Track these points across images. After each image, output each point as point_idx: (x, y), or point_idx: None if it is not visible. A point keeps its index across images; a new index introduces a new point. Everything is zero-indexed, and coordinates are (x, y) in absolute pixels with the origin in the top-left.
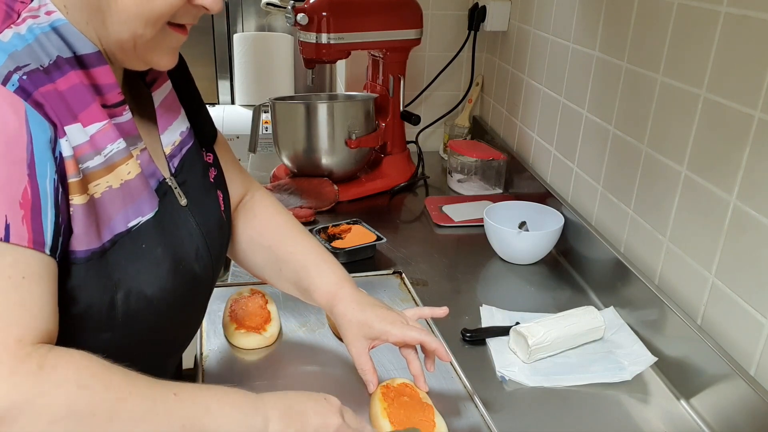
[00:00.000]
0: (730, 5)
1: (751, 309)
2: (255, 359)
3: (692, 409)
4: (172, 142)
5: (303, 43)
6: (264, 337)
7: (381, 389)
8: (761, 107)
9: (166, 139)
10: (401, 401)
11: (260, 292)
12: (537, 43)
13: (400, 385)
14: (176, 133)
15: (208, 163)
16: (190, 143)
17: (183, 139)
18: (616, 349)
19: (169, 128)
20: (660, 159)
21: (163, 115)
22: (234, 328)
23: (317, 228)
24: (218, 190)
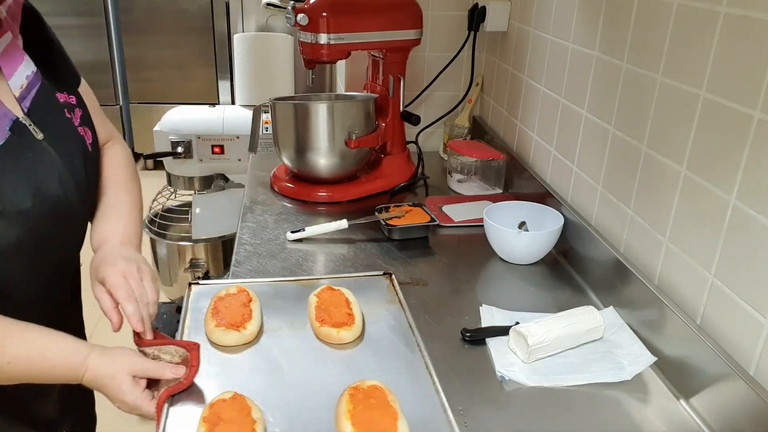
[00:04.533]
0: (730, 5)
1: (750, 309)
2: (231, 356)
3: (692, 409)
4: (20, 86)
5: (303, 43)
6: (242, 335)
7: (350, 390)
8: (761, 107)
9: (13, 83)
10: (368, 404)
11: (246, 291)
12: (537, 44)
13: (370, 387)
14: (22, 77)
15: (70, 104)
16: (38, 84)
17: (30, 82)
18: (615, 348)
19: (15, 73)
20: (660, 159)
21: (7, 64)
22: (214, 325)
23: (379, 207)
24: (85, 127)
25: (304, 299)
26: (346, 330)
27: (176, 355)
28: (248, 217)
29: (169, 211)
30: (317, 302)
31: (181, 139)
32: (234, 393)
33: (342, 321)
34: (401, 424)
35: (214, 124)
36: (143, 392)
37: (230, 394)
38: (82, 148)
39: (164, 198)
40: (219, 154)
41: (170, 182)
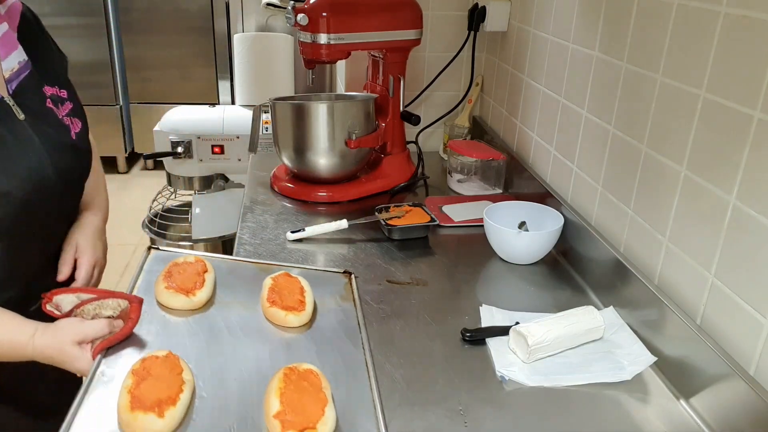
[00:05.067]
0: (730, 5)
1: (750, 309)
2: (175, 319)
3: (692, 409)
4: (11, 68)
5: (303, 43)
6: (190, 300)
7: (285, 370)
8: (761, 107)
9: (6, 64)
10: (300, 385)
11: (203, 262)
12: (537, 44)
13: (305, 370)
14: (14, 61)
15: (60, 96)
16: (27, 72)
17: (20, 68)
18: (615, 348)
19: (8, 57)
20: (659, 159)
21: (2, 46)
22: (163, 287)
23: (379, 207)
24: (73, 118)
25: (260, 281)
26: (294, 314)
27: (118, 308)
28: (248, 217)
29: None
30: (272, 284)
31: (181, 139)
32: (168, 352)
33: (292, 305)
34: (329, 412)
35: (214, 124)
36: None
37: (164, 352)
38: (66, 135)
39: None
40: (219, 154)
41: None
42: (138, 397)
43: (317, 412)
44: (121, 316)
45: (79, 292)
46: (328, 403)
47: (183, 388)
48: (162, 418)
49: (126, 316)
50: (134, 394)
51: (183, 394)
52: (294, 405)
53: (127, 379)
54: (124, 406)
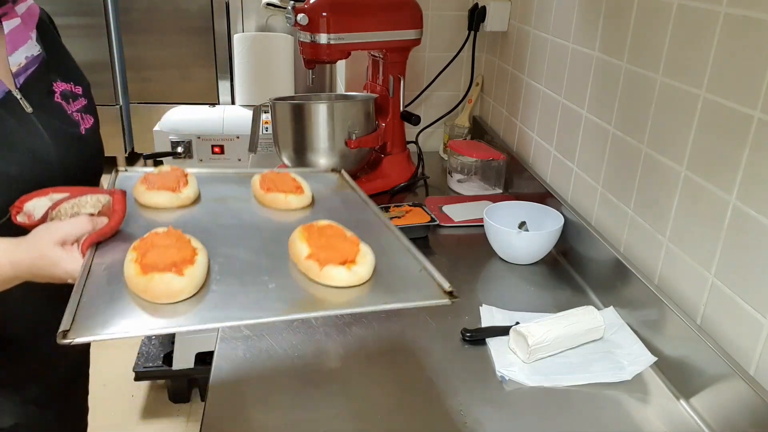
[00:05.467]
0: (730, 5)
1: (750, 309)
2: (163, 217)
3: (692, 409)
4: (18, 63)
5: (303, 43)
6: (177, 196)
7: (301, 227)
8: (761, 107)
9: (13, 59)
10: (324, 233)
11: (180, 169)
12: (537, 44)
13: (324, 225)
14: (22, 56)
15: (73, 93)
16: (35, 66)
17: (28, 63)
18: (615, 348)
19: (17, 51)
20: (660, 159)
21: (11, 41)
22: (144, 188)
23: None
24: (85, 114)
25: (246, 183)
26: (295, 195)
27: (98, 204)
28: None
29: None
30: (261, 179)
31: (181, 139)
32: (169, 227)
33: (290, 189)
34: (364, 247)
35: (214, 124)
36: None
37: (163, 228)
38: (74, 129)
39: None
40: (219, 154)
41: None
42: (147, 263)
43: (352, 248)
44: (104, 212)
45: (52, 193)
46: (361, 243)
47: (197, 252)
48: (182, 275)
49: (109, 211)
50: (143, 263)
51: (198, 256)
52: (324, 246)
53: (131, 254)
54: (133, 273)
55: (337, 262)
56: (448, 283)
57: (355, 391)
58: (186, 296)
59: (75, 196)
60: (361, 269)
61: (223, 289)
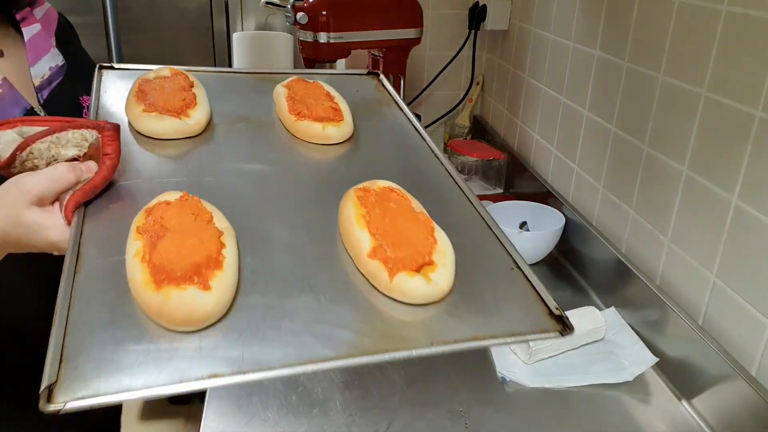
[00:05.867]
0: (731, 4)
1: (752, 309)
2: (169, 155)
3: (693, 410)
4: (41, 75)
5: (303, 42)
6: (185, 123)
7: (355, 192)
8: (762, 106)
9: (35, 71)
10: (386, 208)
11: (184, 74)
12: (538, 42)
13: (382, 189)
14: (45, 67)
15: None
16: (60, 78)
17: (52, 74)
18: (617, 349)
19: (39, 62)
20: (661, 158)
21: (32, 50)
22: (141, 110)
23: None
24: None
25: (267, 93)
26: (333, 125)
27: (84, 143)
28: None
29: None
30: (288, 93)
31: None
32: (183, 193)
33: (326, 115)
34: (440, 235)
35: None
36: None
37: (177, 194)
38: None
39: None
40: None
41: None
42: (160, 265)
43: (426, 240)
44: (92, 154)
45: (22, 125)
46: (435, 225)
47: (223, 240)
48: (208, 290)
49: (98, 153)
50: (153, 263)
51: (227, 248)
52: (391, 235)
53: (133, 243)
54: (142, 283)
55: (411, 268)
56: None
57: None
58: (213, 320)
59: (52, 132)
60: (441, 278)
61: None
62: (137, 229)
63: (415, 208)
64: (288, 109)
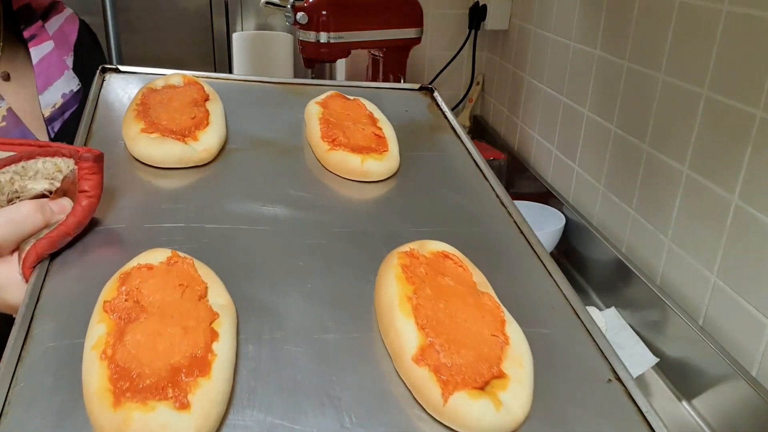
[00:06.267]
0: (732, 4)
1: (753, 309)
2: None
3: (694, 410)
4: (52, 104)
5: (303, 42)
6: (191, 149)
7: (400, 257)
8: (763, 106)
9: (45, 99)
10: (439, 286)
11: (198, 84)
12: (538, 42)
13: (436, 254)
14: (57, 94)
15: None
16: (75, 107)
17: (66, 102)
18: (617, 349)
19: (49, 88)
20: (662, 158)
21: (42, 74)
22: (139, 129)
23: None
24: None
25: (297, 109)
26: (374, 159)
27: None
28: None
29: None
30: (322, 114)
31: None
32: (172, 252)
33: (367, 144)
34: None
35: None
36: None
37: (163, 253)
38: None
39: None
40: None
41: None
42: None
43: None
44: (66, 189)
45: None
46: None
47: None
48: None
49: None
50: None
51: (220, 341)
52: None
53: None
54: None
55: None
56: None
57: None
58: None
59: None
60: (515, 401)
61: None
62: (104, 305)
63: (478, 283)
64: (321, 133)
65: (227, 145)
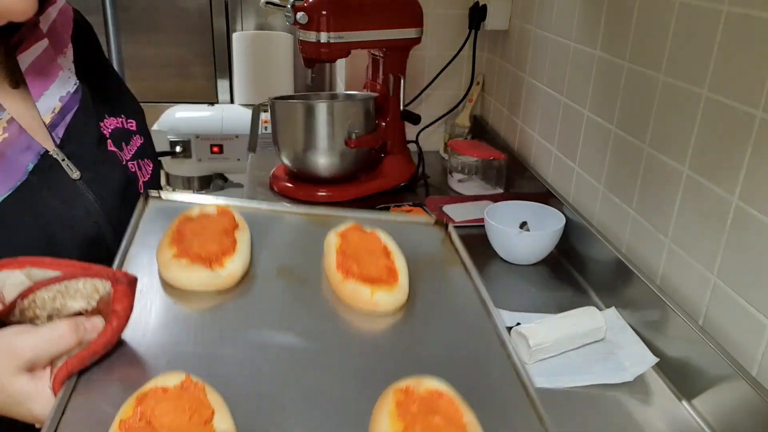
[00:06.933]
0: (732, 4)
1: (753, 310)
2: (192, 311)
3: (694, 410)
4: (52, 109)
5: (303, 42)
6: (216, 275)
7: (395, 394)
8: (763, 106)
9: (43, 106)
10: (430, 425)
11: (230, 214)
12: (538, 42)
13: (430, 393)
14: (55, 98)
15: (127, 130)
16: (75, 108)
17: (65, 105)
18: (617, 349)
19: (45, 93)
20: (662, 159)
21: (35, 80)
22: (171, 255)
23: (379, 207)
24: (142, 160)
25: (318, 239)
26: (385, 291)
27: (94, 295)
28: None
29: None
30: (340, 244)
31: (179, 138)
32: (185, 376)
33: (378, 276)
34: None
35: (213, 124)
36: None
37: (177, 377)
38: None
39: None
40: (218, 154)
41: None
42: None
43: None
44: (101, 309)
45: (31, 266)
46: None
47: None
48: None
49: (108, 309)
50: None
51: None
52: None
53: None
54: None
55: None
56: None
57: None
58: None
59: (62, 279)
60: None
61: None
62: (120, 423)
63: (468, 424)
64: (336, 264)
65: (251, 270)
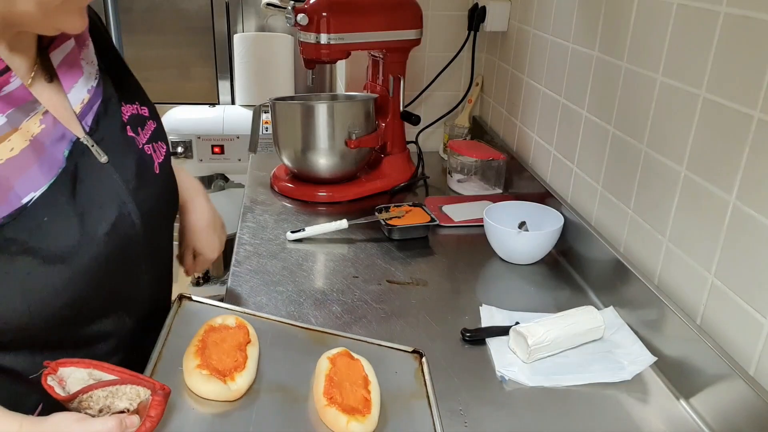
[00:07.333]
0: (730, 5)
1: (750, 309)
2: (208, 411)
3: (692, 409)
4: (81, 101)
5: (303, 43)
6: (227, 389)
7: None
8: (760, 107)
9: (73, 97)
10: None
11: (246, 327)
12: (537, 44)
13: None
14: (83, 90)
15: (141, 116)
16: (99, 99)
17: (92, 96)
18: (615, 348)
19: (74, 86)
20: (659, 159)
21: (66, 74)
22: (195, 365)
23: (379, 207)
24: (157, 143)
25: (314, 355)
26: (357, 422)
27: (136, 399)
28: (248, 217)
29: None
30: (330, 370)
31: (181, 139)
32: None
33: (355, 407)
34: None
35: (214, 124)
36: None
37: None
38: (148, 170)
39: None
40: (219, 154)
41: None
42: None
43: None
44: (139, 411)
45: (94, 368)
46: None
47: None
48: None
49: (144, 412)
50: None
51: None
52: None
53: None
54: None
55: None
56: None
57: None
58: None
59: (115, 383)
60: None
61: None
62: None
63: None
64: (323, 389)
65: (254, 384)
